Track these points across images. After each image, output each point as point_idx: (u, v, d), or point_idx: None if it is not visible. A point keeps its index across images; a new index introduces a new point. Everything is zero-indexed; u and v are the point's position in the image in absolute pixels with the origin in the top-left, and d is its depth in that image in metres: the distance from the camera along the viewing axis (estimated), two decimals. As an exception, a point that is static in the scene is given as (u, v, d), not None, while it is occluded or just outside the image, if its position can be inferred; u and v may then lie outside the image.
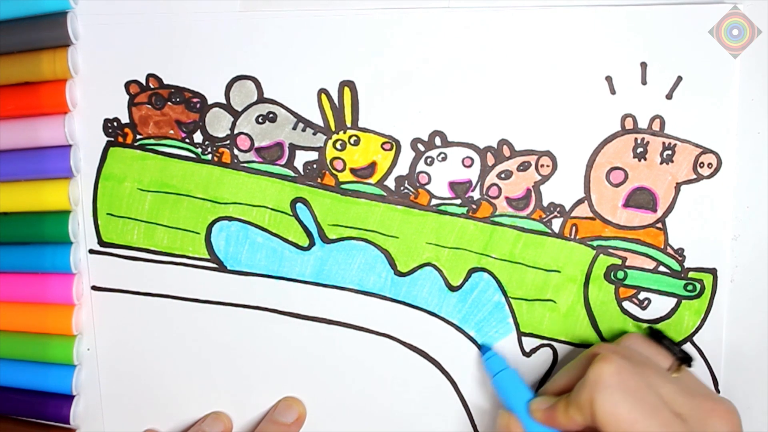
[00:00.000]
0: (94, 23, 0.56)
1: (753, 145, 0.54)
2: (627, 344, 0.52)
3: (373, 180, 0.56)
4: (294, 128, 0.57)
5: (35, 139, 0.57)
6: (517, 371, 0.55)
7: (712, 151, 0.54)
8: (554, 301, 0.56)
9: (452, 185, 0.56)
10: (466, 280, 0.57)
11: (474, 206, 0.56)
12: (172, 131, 0.57)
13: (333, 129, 0.56)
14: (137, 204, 0.58)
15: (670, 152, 0.54)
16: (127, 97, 0.57)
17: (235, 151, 0.57)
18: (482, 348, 0.57)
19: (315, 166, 0.57)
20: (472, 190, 0.56)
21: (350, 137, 0.56)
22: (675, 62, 0.54)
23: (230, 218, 0.57)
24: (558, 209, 0.56)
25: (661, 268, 0.55)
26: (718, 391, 0.56)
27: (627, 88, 0.54)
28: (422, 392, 0.58)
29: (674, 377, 0.50)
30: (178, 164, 0.57)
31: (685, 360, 0.51)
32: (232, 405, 0.59)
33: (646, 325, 0.56)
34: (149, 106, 0.57)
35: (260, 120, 0.57)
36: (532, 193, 0.56)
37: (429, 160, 0.56)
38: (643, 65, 0.54)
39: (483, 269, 0.56)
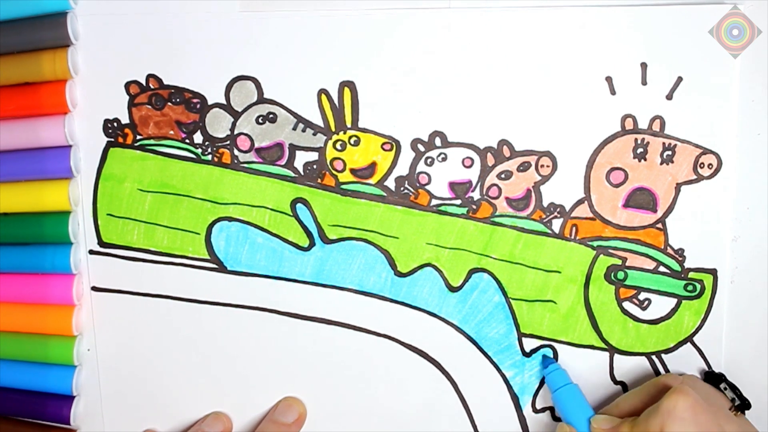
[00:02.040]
0: (94, 23, 0.56)
1: (753, 146, 0.54)
2: (689, 382, 0.53)
3: (373, 180, 0.56)
4: (294, 128, 0.57)
5: (35, 139, 0.56)
6: (578, 386, 0.55)
7: (712, 152, 0.54)
8: (554, 302, 0.56)
9: (452, 185, 0.56)
10: (466, 280, 0.57)
11: (474, 207, 0.56)
12: (172, 132, 0.57)
13: (333, 129, 0.56)
14: (137, 204, 0.58)
15: (670, 153, 0.54)
16: (127, 97, 0.57)
17: (235, 152, 0.57)
18: (544, 360, 0.56)
19: (315, 166, 0.57)
20: (472, 191, 0.56)
21: (350, 137, 0.56)
22: (675, 62, 0.54)
23: (230, 218, 0.57)
24: (558, 209, 0.56)
25: (661, 269, 0.55)
26: (718, 391, 0.56)
27: (627, 89, 0.54)
28: (422, 392, 0.58)
29: (736, 420, 0.51)
30: (178, 165, 0.57)
31: (743, 406, 0.52)
32: (232, 405, 0.59)
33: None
34: (149, 107, 0.57)
35: (260, 120, 0.57)
36: (532, 194, 0.56)
37: (429, 160, 0.56)
38: (643, 65, 0.54)
39: (483, 270, 0.56)
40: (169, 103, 0.57)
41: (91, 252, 0.58)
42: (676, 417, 0.48)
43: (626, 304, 0.56)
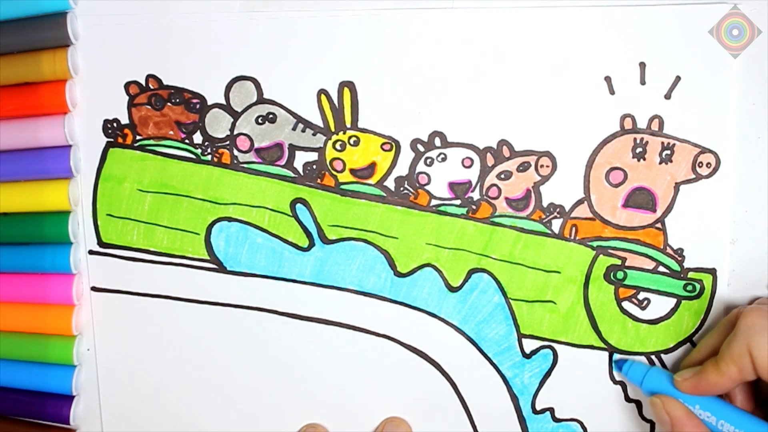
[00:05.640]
0: (94, 23, 0.57)
1: (753, 149, 0.54)
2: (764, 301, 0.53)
3: (372, 180, 0.56)
4: (294, 129, 0.57)
5: (35, 139, 0.57)
6: (652, 367, 0.55)
7: (710, 151, 0.54)
8: (554, 302, 0.56)
9: (452, 186, 0.56)
10: (465, 280, 0.57)
11: (474, 207, 0.56)
12: (171, 132, 0.57)
13: (333, 129, 0.56)
14: (137, 205, 0.58)
15: (669, 152, 0.54)
16: (127, 97, 0.57)
17: (235, 152, 0.57)
18: (617, 363, 0.56)
19: (315, 166, 0.57)
20: (472, 191, 0.56)
21: (350, 138, 0.56)
22: (674, 62, 0.54)
23: (230, 219, 0.57)
24: (558, 210, 0.56)
25: (661, 269, 0.55)
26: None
27: (626, 88, 0.54)
28: (422, 393, 0.58)
29: None
30: (177, 165, 0.57)
31: None
32: (231, 406, 0.59)
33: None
34: (149, 107, 0.57)
35: (260, 121, 0.57)
36: (532, 194, 0.56)
37: (429, 160, 0.56)
38: (642, 65, 0.54)
39: (483, 270, 0.56)
40: (169, 104, 0.57)
41: (91, 252, 0.58)
42: (757, 329, 0.47)
43: (626, 304, 0.56)
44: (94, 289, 0.59)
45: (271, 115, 0.57)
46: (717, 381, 0.49)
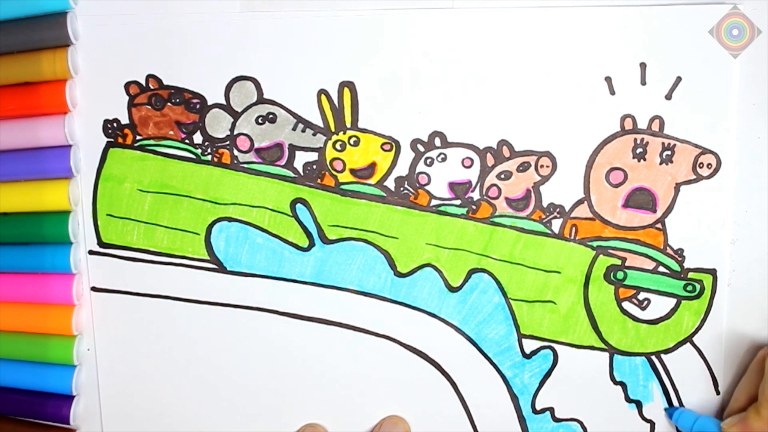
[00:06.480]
0: (94, 23, 0.57)
1: (753, 149, 0.54)
2: None
3: (372, 181, 0.56)
4: (294, 129, 0.57)
5: (35, 139, 0.57)
6: (700, 415, 0.55)
7: (711, 152, 0.54)
8: (554, 303, 0.56)
9: (452, 186, 0.56)
10: (466, 281, 0.57)
11: (474, 207, 0.56)
12: (171, 132, 0.57)
13: (333, 130, 0.56)
14: (137, 205, 0.58)
15: (669, 152, 0.54)
16: (127, 97, 0.57)
17: (235, 152, 0.57)
18: (667, 410, 0.57)
19: (315, 166, 0.57)
20: (472, 191, 0.56)
21: (350, 138, 0.56)
22: (674, 62, 0.54)
23: (230, 219, 0.57)
24: (558, 210, 0.56)
25: (661, 269, 0.55)
26: (717, 392, 0.56)
27: (626, 89, 0.54)
28: (422, 393, 0.58)
29: None
30: (177, 165, 0.57)
31: None
32: (231, 406, 0.59)
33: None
34: (149, 107, 0.57)
35: (260, 121, 0.57)
36: (532, 194, 0.56)
37: (429, 160, 0.56)
38: (643, 65, 0.54)
39: (483, 270, 0.56)
40: (169, 104, 0.57)
41: (91, 252, 0.58)
42: None
43: (626, 304, 0.56)
44: (94, 289, 0.59)
45: (271, 115, 0.57)
46: (761, 427, 0.50)
